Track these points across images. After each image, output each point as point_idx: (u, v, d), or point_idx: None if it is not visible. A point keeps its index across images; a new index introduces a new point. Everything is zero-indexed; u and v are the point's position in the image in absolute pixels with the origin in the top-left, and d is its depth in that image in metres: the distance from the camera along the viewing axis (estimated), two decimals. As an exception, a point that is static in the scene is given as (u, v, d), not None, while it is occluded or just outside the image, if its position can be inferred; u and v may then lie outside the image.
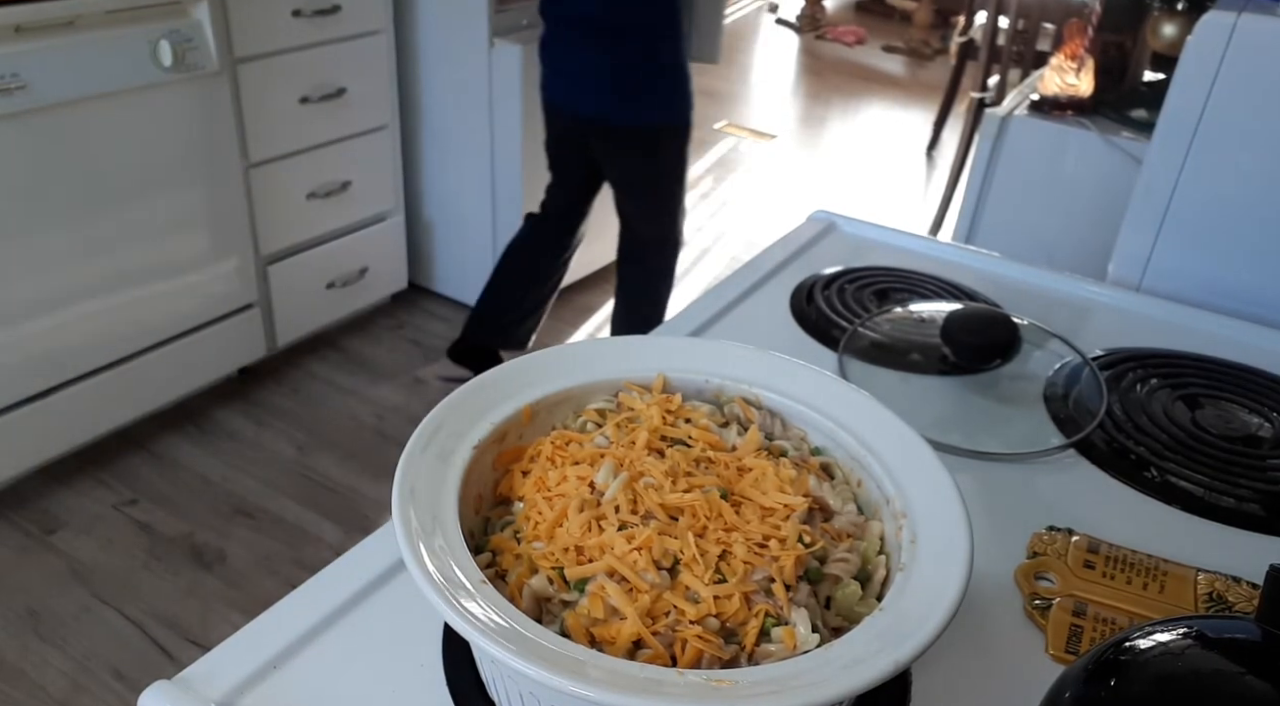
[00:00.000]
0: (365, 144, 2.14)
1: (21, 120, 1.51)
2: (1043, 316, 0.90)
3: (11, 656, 1.47)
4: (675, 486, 0.48)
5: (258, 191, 1.93)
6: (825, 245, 1.02)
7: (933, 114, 3.80)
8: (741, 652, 0.42)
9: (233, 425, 2.00)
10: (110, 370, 1.78)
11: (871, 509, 0.51)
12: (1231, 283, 0.97)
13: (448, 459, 0.48)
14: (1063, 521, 0.62)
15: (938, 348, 0.82)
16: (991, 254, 1.02)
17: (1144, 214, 1.00)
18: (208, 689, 0.47)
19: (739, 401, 0.56)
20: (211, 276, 1.89)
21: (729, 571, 0.44)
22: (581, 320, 2.49)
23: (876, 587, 0.46)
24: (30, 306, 1.62)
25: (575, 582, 0.44)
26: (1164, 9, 1.63)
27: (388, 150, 2.21)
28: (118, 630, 1.53)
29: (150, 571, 1.64)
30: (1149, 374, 0.79)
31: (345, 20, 1.97)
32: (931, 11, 5.09)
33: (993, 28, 2.78)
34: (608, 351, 0.58)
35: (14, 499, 1.76)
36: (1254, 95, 0.91)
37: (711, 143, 3.74)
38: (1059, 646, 0.53)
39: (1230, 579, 0.58)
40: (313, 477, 1.88)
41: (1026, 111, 1.66)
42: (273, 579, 1.65)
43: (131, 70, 1.61)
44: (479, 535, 0.49)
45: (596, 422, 0.54)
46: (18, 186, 1.54)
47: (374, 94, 2.12)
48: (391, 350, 2.29)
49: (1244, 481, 0.67)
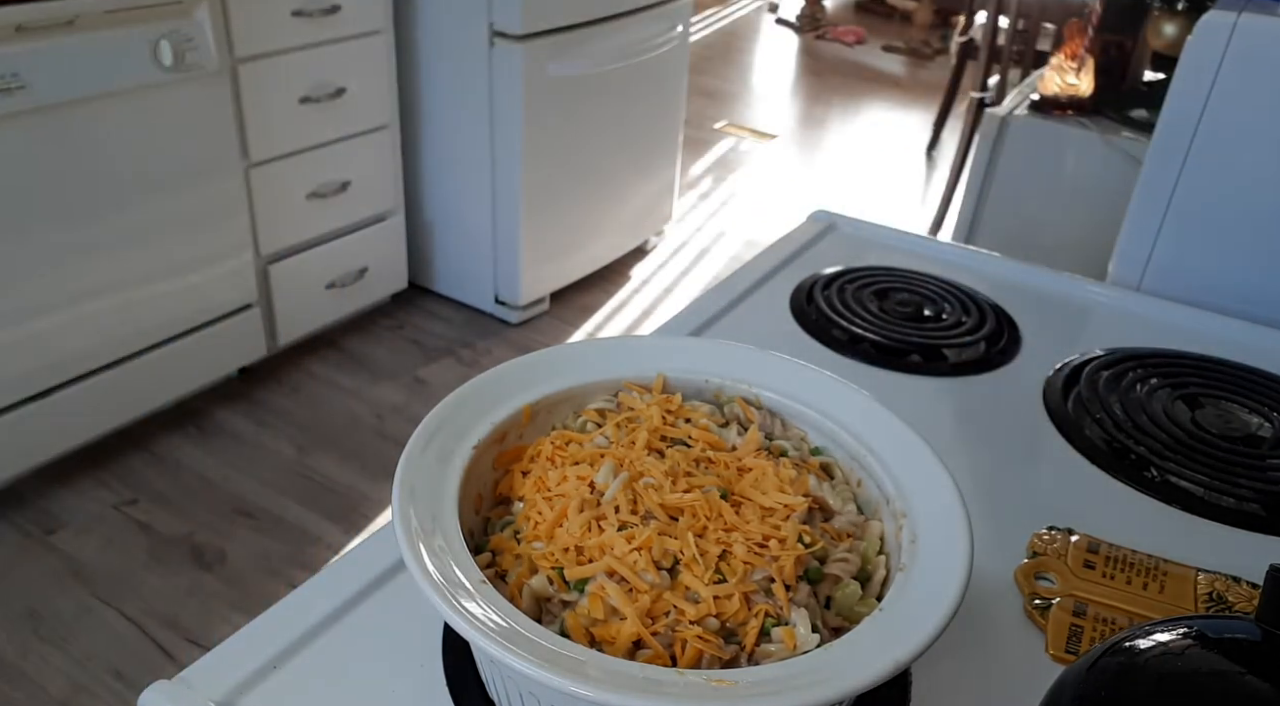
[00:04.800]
0: (365, 144, 2.14)
1: (21, 120, 1.51)
2: (1043, 316, 0.90)
3: (11, 656, 1.47)
4: (675, 486, 0.48)
5: (258, 191, 1.93)
6: (825, 245, 1.02)
7: (933, 114, 3.80)
8: (741, 652, 0.42)
9: (233, 425, 2.00)
10: (110, 370, 1.78)
11: (871, 509, 0.51)
12: (1231, 283, 0.97)
13: (448, 459, 0.48)
14: (1063, 521, 0.62)
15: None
16: (991, 254, 1.02)
17: (1144, 214, 1.00)
18: (208, 689, 0.47)
19: (739, 401, 0.56)
20: (211, 276, 1.89)
21: (729, 571, 0.44)
22: (581, 320, 2.49)
23: (876, 587, 0.46)
24: (30, 306, 1.62)
25: (575, 583, 0.44)
26: (1164, 9, 1.63)
27: (388, 150, 2.21)
28: (118, 630, 1.53)
29: (150, 571, 1.64)
30: (1149, 374, 0.79)
31: (345, 20, 1.97)
32: (931, 11, 5.09)
33: (993, 28, 2.78)
34: (608, 351, 0.58)
35: (14, 499, 1.76)
36: (1254, 95, 0.91)
37: (711, 143, 3.74)
38: (1059, 646, 0.53)
39: (1230, 579, 0.58)
40: (313, 477, 1.88)
41: (1026, 111, 1.66)
42: (273, 579, 1.65)
43: (132, 70, 1.61)
44: (479, 535, 0.49)
45: (596, 422, 0.54)
46: (17, 186, 1.54)
47: (374, 94, 2.12)
48: (391, 350, 2.29)
49: (1244, 481, 0.67)
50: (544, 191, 2.28)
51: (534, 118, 2.16)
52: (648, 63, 2.41)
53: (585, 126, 2.32)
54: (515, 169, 2.20)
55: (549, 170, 2.27)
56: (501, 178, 2.23)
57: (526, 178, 2.21)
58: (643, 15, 2.35)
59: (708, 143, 3.73)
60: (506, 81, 2.12)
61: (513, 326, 2.41)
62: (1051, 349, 0.84)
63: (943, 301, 0.89)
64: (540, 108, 2.16)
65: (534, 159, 2.21)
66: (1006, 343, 0.84)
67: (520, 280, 2.34)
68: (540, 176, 2.25)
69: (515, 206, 2.24)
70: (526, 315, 2.43)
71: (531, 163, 2.20)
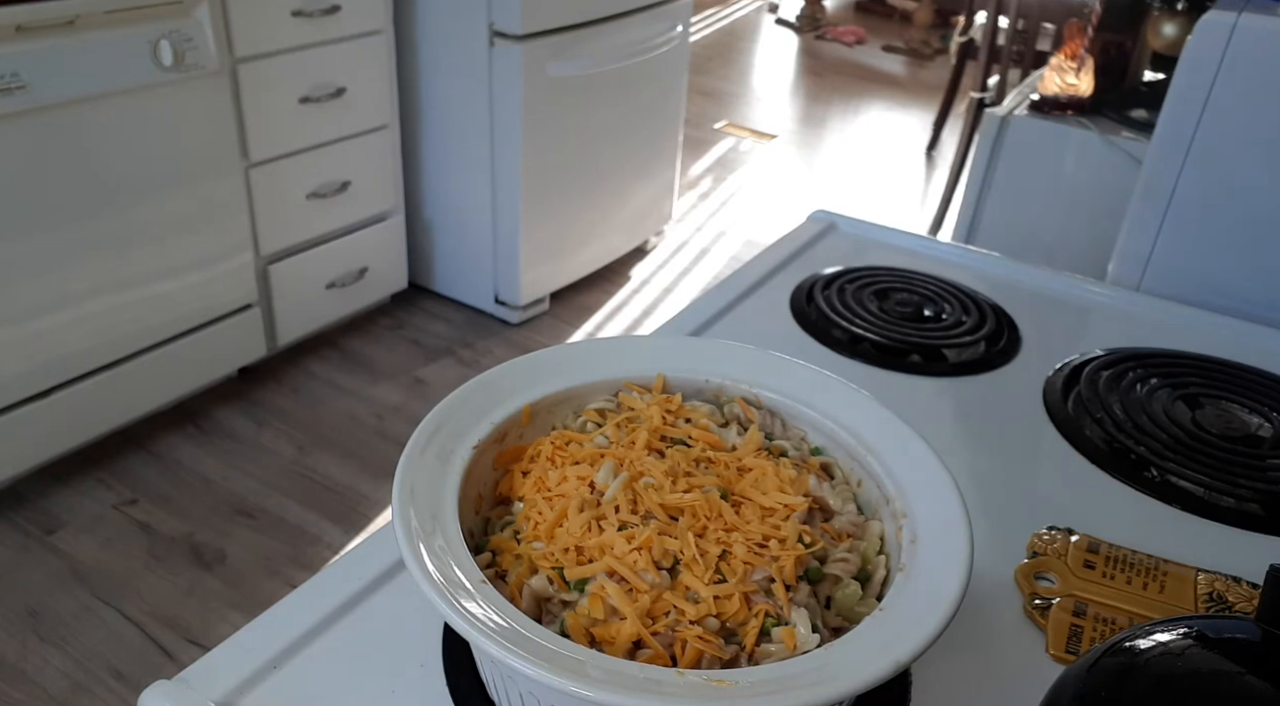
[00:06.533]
0: (365, 144, 2.14)
1: (21, 120, 1.51)
2: (1043, 316, 0.90)
3: (11, 656, 1.47)
4: (675, 486, 0.48)
5: (258, 191, 1.93)
6: (825, 245, 1.02)
7: (933, 114, 3.80)
8: (741, 652, 0.42)
9: (233, 425, 2.00)
10: (110, 370, 1.78)
11: (871, 509, 0.51)
12: (1231, 283, 0.97)
13: (448, 459, 0.48)
14: (1063, 521, 0.62)
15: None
16: (991, 254, 1.02)
17: (1144, 214, 1.00)
18: (208, 689, 0.47)
19: (739, 401, 0.56)
20: (211, 276, 1.89)
21: (729, 571, 0.44)
22: (581, 320, 2.49)
23: (876, 587, 0.46)
24: (30, 306, 1.62)
25: (575, 583, 0.44)
26: (1164, 9, 1.63)
27: (388, 150, 2.21)
28: (118, 630, 1.53)
29: (150, 571, 1.64)
30: (1149, 374, 0.79)
31: (345, 20, 1.97)
32: (931, 11, 5.08)
33: (993, 28, 2.78)
34: (608, 351, 0.58)
35: (14, 499, 1.76)
36: (1254, 95, 0.91)
37: (711, 143, 3.74)
38: (1059, 646, 0.53)
39: (1230, 579, 0.58)
40: (313, 478, 1.88)
41: (1026, 111, 1.66)
42: (273, 579, 1.65)
43: (131, 70, 1.61)
44: (479, 535, 0.49)
45: (596, 422, 0.54)
46: (17, 186, 1.54)
47: (374, 94, 2.12)
48: (391, 350, 2.29)
49: (1244, 481, 0.67)
50: (544, 191, 2.28)
51: (534, 118, 2.16)
52: (648, 63, 2.41)
53: (585, 126, 2.32)
54: (515, 169, 2.20)
55: (549, 170, 2.27)
56: (501, 177, 2.23)
57: (526, 177, 2.21)
58: (643, 15, 2.35)
59: (708, 143, 3.73)
60: (506, 81, 2.12)
61: (513, 326, 2.41)
62: (1051, 349, 0.84)
63: (943, 301, 0.89)
64: (540, 108, 2.16)
65: (534, 159, 2.21)
66: (1006, 343, 0.84)
67: (520, 280, 2.34)
68: (540, 176, 2.25)
69: (515, 206, 2.24)
70: (526, 315, 2.43)
71: (531, 162, 2.20)
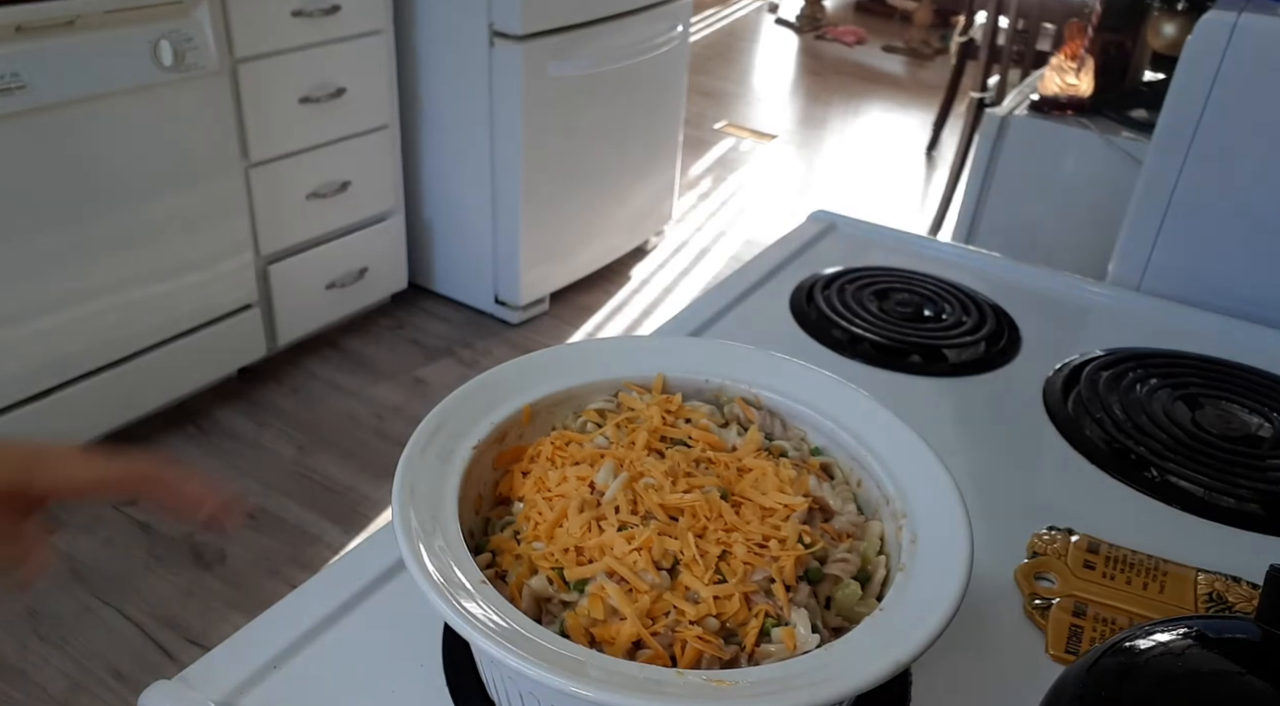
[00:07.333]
0: (365, 144, 2.14)
1: (21, 120, 1.51)
2: (1043, 316, 0.90)
3: (11, 656, 1.47)
4: (675, 487, 0.48)
5: (258, 191, 1.93)
6: (825, 245, 1.02)
7: (933, 114, 3.80)
8: (741, 653, 0.42)
9: (233, 425, 2.00)
10: (110, 370, 1.78)
11: (871, 509, 0.51)
12: (1231, 283, 0.97)
13: (448, 459, 0.48)
14: (1063, 521, 0.62)
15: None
16: (991, 254, 1.02)
17: (1144, 214, 1.00)
18: (208, 689, 0.47)
19: (739, 401, 0.56)
20: (211, 276, 1.89)
21: (729, 571, 0.44)
22: (581, 320, 2.49)
23: (876, 587, 0.46)
24: (30, 306, 1.62)
25: (575, 583, 0.44)
26: (1164, 9, 1.63)
27: (388, 150, 2.21)
28: (118, 630, 1.53)
29: (150, 571, 1.64)
30: (1149, 374, 0.79)
31: (345, 20, 1.97)
32: (931, 11, 5.08)
33: (993, 28, 2.78)
34: (608, 351, 0.58)
35: (14, 499, 1.76)
36: (1254, 95, 0.91)
37: (711, 143, 3.74)
38: (1059, 646, 0.53)
39: (1230, 579, 0.58)
40: (313, 478, 1.88)
41: (1026, 111, 1.66)
42: (273, 579, 1.65)
43: (131, 70, 1.61)
44: (479, 535, 0.49)
45: (596, 423, 0.54)
46: (18, 186, 1.54)
47: (374, 94, 2.12)
48: (391, 350, 2.29)
49: (1244, 481, 0.67)
50: (544, 191, 2.28)
51: (534, 117, 2.16)
52: (648, 63, 2.41)
53: (585, 126, 2.32)
54: (515, 169, 2.20)
55: (549, 170, 2.27)
56: (501, 177, 2.23)
57: (526, 177, 2.21)
58: (643, 15, 2.35)
59: (708, 143, 3.73)
60: (506, 81, 2.11)
61: (513, 326, 2.41)
62: (1051, 349, 0.84)
63: (943, 302, 0.89)
64: (540, 108, 2.16)
65: (534, 159, 2.21)
66: (1006, 343, 0.84)
67: (520, 280, 2.34)
68: (540, 176, 2.25)
69: (515, 206, 2.24)
70: (526, 315, 2.43)
71: (531, 162, 2.20)
